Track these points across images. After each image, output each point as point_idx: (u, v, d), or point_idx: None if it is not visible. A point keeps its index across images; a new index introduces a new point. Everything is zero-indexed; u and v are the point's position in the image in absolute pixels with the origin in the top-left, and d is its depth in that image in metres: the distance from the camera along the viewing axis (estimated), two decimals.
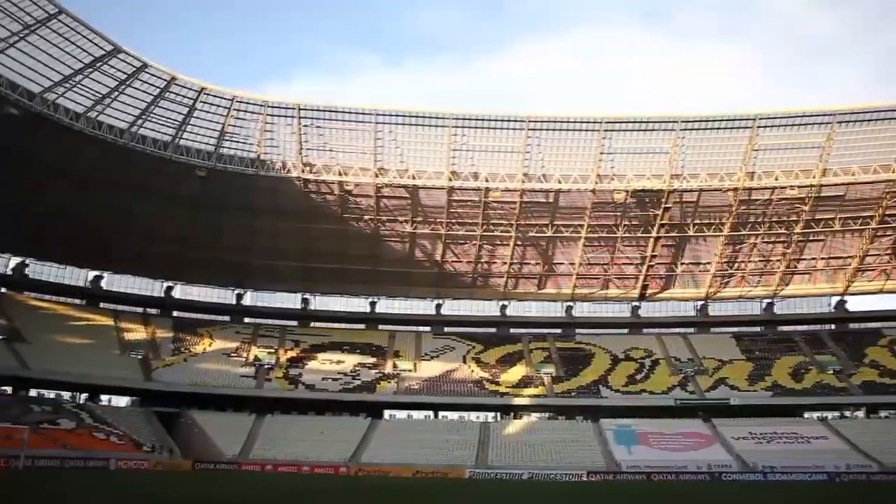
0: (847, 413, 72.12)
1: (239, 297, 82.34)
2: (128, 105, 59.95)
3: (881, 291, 79.46)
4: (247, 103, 62.93)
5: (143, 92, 59.53)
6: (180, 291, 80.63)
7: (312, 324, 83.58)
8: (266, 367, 73.72)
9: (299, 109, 63.10)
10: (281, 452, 62.37)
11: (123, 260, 73.81)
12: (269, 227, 71.22)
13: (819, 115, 62.81)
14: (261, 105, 62.99)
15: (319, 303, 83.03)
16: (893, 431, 66.88)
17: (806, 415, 71.32)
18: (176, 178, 65.40)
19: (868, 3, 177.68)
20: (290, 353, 77.41)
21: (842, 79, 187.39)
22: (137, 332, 75.03)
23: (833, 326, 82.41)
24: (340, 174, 66.59)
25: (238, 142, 65.17)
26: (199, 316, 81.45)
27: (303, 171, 66.26)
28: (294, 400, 71.05)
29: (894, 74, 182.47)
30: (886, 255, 75.71)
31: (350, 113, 63.47)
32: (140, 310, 78.92)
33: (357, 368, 75.28)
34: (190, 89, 60.76)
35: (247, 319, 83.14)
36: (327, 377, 73.16)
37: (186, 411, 67.46)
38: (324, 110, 63.33)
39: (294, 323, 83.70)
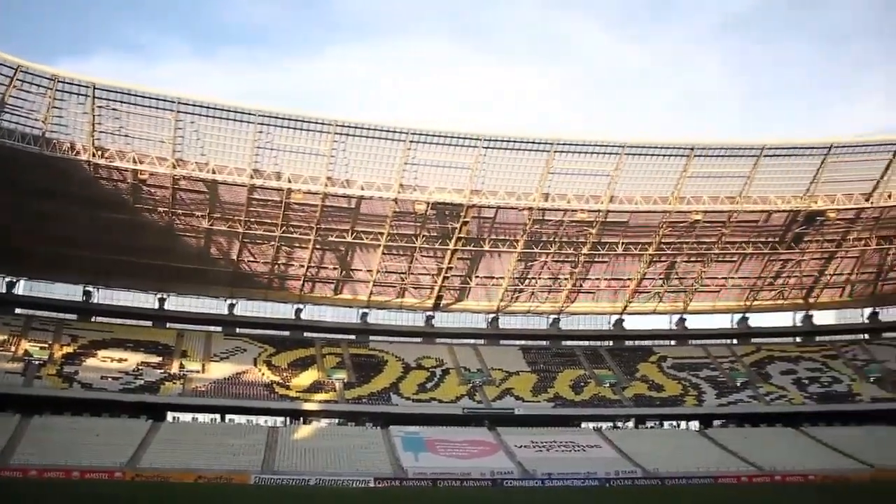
0: (619, 423, 77.58)
1: (10, 285, 75.38)
2: None
3: (654, 312, 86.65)
4: (34, 75, 57.53)
5: None
6: None
7: (94, 318, 78.21)
8: (37, 363, 68.26)
9: (94, 88, 58.78)
10: (48, 457, 57.50)
11: None
12: (52, 210, 65.78)
13: (610, 146, 67.05)
14: (50, 79, 57.90)
15: (103, 296, 77.94)
16: (657, 440, 73.42)
17: (583, 425, 76.06)
18: None
19: (669, 42, 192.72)
20: (67, 349, 72.06)
21: (644, 112, 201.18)
22: None
23: (611, 343, 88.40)
24: (135, 162, 62.73)
25: (21, 116, 59.77)
26: None
27: (93, 155, 61.85)
28: (68, 399, 65.98)
29: (692, 108, 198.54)
30: (660, 279, 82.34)
31: (150, 98, 60.00)
32: None
33: (140, 368, 71.40)
34: None
35: (18, 310, 76.11)
36: (107, 376, 68.83)
37: None
38: (122, 92, 59.39)
39: (73, 316, 77.83)
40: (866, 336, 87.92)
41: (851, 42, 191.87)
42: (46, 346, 71.50)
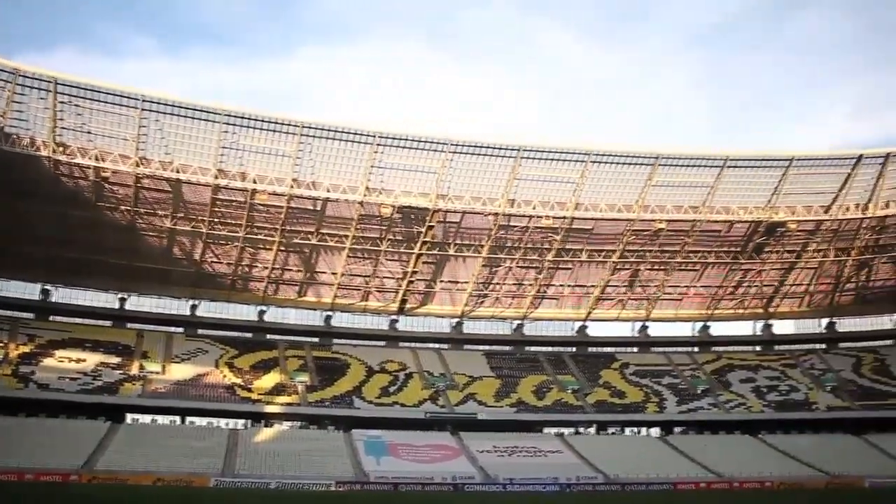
0: (581, 429, 77.99)
1: None
2: None
3: (617, 319, 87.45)
4: None
5: None
6: None
7: (52, 317, 76.67)
8: None
9: (56, 83, 57.70)
10: (1, 458, 56.34)
11: None
12: (10, 207, 64.41)
13: (576, 153, 67.50)
14: (10, 72, 56.62)
15: (62, 295, 76.56)
16: (618, 446, 74.08)
17: (545, 430, 76.54)
18: None
19: (640, 52, 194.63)
20: (23, 349, 70.64)
21: (613, 119, 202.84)
22: None
23: (574, 349, 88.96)
24: (97, 159, 61.82)
25: None
26: None
27: (54, 152, 60.87)
28: (23, 400, 64.52)
29: (660, 117, 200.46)
30: (624, 286, 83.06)
31: (114, 95, 59.08)
32: None
33: (99, 368, 70.28)
34: None
35: None
36: (65, 376, 67.63)
37: None
38: (85, 88, 58.37)
39: (30, 315, 76.22)
40: (823, 346, 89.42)
41: (818, 57, 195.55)
42: (2, 345, 70.10)
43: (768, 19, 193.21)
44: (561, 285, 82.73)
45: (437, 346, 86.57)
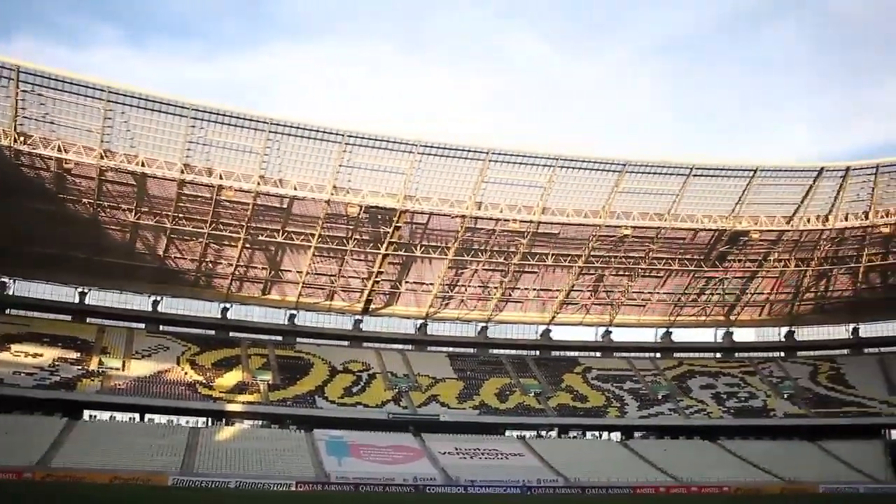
0: (543, 433, 78.36)
1: None
2: None
3: (581, 324, 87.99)
4: None
5: None
6: None
7: (9, 311, 74.90)
8: None
9: (19, 71, 56.36)
10: None
11: None
12: None
13: (544, 158, 67.76)
14: None
15: (20, 288, 75.16)
16: (579, 450, 74.57)
17: (507, 433, 76.77)
18: None
19: (607, 59, 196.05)
20: None
21: (581, 125, 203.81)
22: None
23: (538, 353, 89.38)
24: (60, 150, 60.58)
25: None
26: None
27: (15, 141, 59.63)
28: None
29: (627, 124, 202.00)
30: (588, 291, 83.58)
31: (79, 85, 57.84)
32: None
33: (57, 363, 69.02)
34: None
35: None
36: (20, 371, 66.25)
37: None
38: (50, 78, 57.05)
39: None
40: (782, 354, 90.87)
41: (779, 72, 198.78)
42: None
43: (733, 34, 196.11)
44: (526, 289, 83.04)
45: (401, 346, 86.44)
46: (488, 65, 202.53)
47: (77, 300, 76.98)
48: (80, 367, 69.71)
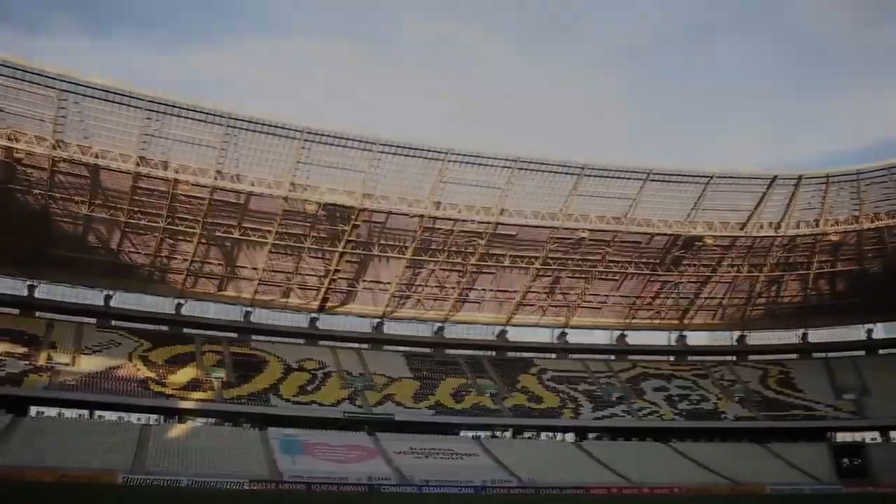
0: (498, 433, 78.63)
1: None
2: None
3: (537, 325, 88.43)
4: None
5: None
6: None
7: None
8: None
9: None
10: None
11: None
12: None
13: (502, 160, 67.97)
14: None
15: None
16: (533, 451, 75.01)
17: (462, 433, 76.91)
18: None
19: (566, 63, 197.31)
20: None
21: (542, 127, 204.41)
22: None
23: (494, 353, 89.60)
24: (10, 139, 59.10)
25: None
26: None
27: None
28: None
29: (587, 128, 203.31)
30: (545, 293, 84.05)
31: (31, 73, 56.17)
32: None
33: (3, 358, 67.30)
34: None
35: None
36: None
37: None
38: (0, 64, 55.86)
39: None
40: (734, 358, 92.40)
41: (731, 82, 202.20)
42: None
43: (690, 45, 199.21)
44: (483, 289, 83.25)
45: (356, 345, 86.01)
46: (447, 68, 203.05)
47: (26, 293, 75.14)
48: (27, 363, 68.13)
